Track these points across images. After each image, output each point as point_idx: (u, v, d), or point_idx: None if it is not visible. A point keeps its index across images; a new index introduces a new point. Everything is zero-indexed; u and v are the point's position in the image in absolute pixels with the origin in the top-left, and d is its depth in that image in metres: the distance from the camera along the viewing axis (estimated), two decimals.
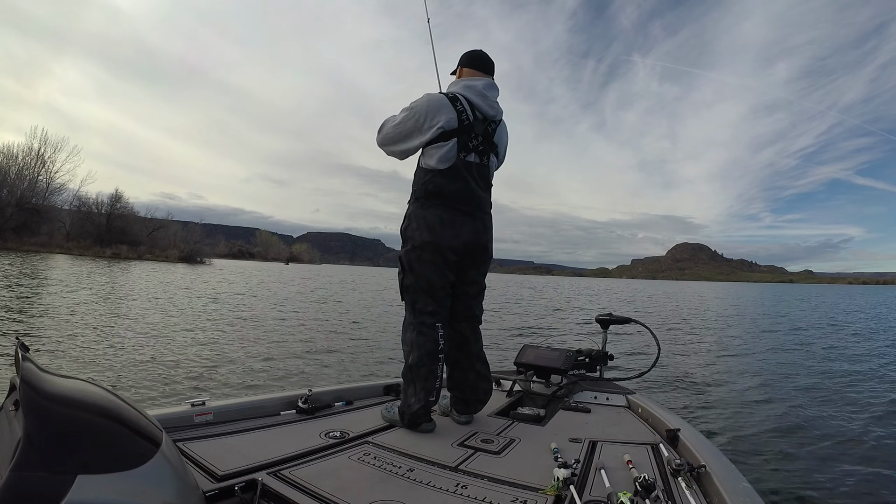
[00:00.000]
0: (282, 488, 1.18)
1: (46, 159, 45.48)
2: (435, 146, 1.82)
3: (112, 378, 4.75)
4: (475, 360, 1.95)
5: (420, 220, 1.84)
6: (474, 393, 1.92)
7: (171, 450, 0.93)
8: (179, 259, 47.91)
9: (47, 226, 43.77)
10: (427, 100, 1.84)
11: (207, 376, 5.09)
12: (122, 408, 0.89)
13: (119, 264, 31.57)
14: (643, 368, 2.45)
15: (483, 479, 1.32)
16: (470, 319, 1.99)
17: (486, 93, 1.90)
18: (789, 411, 4.85)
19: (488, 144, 1.91)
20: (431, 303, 1.84)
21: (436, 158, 1.82)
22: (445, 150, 1.81)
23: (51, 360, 5.23)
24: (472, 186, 1.86)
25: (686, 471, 1.28)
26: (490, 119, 1.91)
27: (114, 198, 49.37)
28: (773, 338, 11.42)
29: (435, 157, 1.82)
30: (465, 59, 2.00)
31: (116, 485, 0.75)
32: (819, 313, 21.35)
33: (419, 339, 1.81)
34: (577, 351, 2.43)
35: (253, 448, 1.42)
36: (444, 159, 1.81)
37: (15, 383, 0.85)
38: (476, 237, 1.89)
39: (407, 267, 1.87)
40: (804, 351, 9.37)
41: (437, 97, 1.85)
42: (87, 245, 43.57)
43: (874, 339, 11.88)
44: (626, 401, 2.14)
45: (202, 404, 1.61)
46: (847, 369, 7.39)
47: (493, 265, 2.11)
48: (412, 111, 1.84)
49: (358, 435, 1.63)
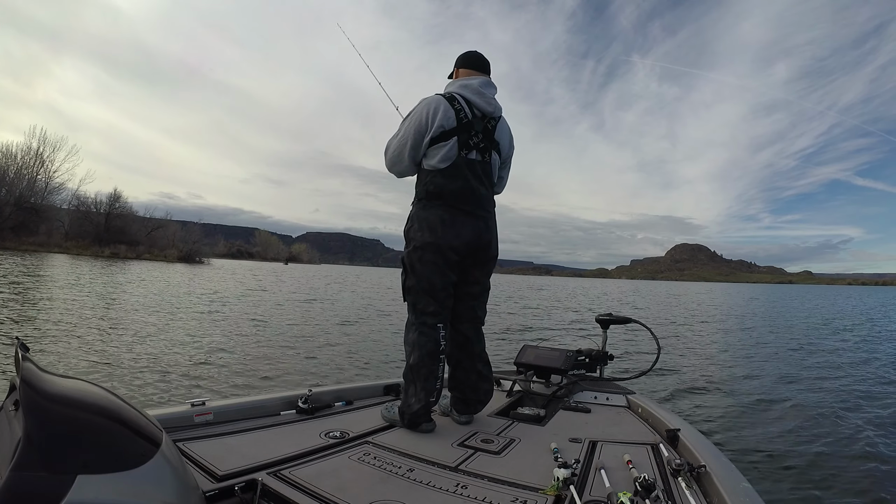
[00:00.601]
0: (282, 488, 1.18)
1: (45, 159, 45.48)
2: (436, 146, 1.83)
3: (107, 376, 4.75)
4: (477, 360, 1.95)
5: (422, 220, 1.85)
6: (475, 393, 1.92)
7: (171, 450, 0.92)
8: (178, 259, 47.81)
9: (46, 225, 43.67)
10: (424, 103, 1.86)
11: (207, 376, 5.08)
12: (122, 408, 0.89)
13: (117, 264, 31.46)
14: (643, 368, 2.45)
15: (483, 479, 1.32)
16: (472, 321, 1.98)
17: (483, 90, 1.91)
18: (789, 411, 4.86)
19: (489, 142, 1.92)
20: (433, 303, 1.84)
21: (437, 158, 1.83)
22: (447, 150, 1.82)
23: (42, 360, 5.21)
24: (474, 185, 1.87)
25: (686, 471, 1.28)
26: (489, 116, 1.91)
27: (112, 197, 49.25)
28: (772, 338, 11.44)
29: (436, 157, 1.83)
30: (460, 61, 2.02)
31: (116, 485, 0.75)
32: (818, 314, 21.40)
33: (420, 339, 1.82)
34: (577, 351, 2.43)
35: (253, 448, 1.42)
36: (445, 158, 1.82)
37: (15, 383, 0.85)
38: (478, 236, 1.89)
39: (409, 268, 1.88)
40: (804, 351, 9.38)
41: (433, 98, 1.87)
42: (85, 244, 43.45)
43: (875, 339, 11.89)
44: (626, 401, 2.14)
45: (202, 404, 1.61)
46: (847, 369, 7.41)
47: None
48: (411, 118, 1.86)
49: (358, 435, 1.63)
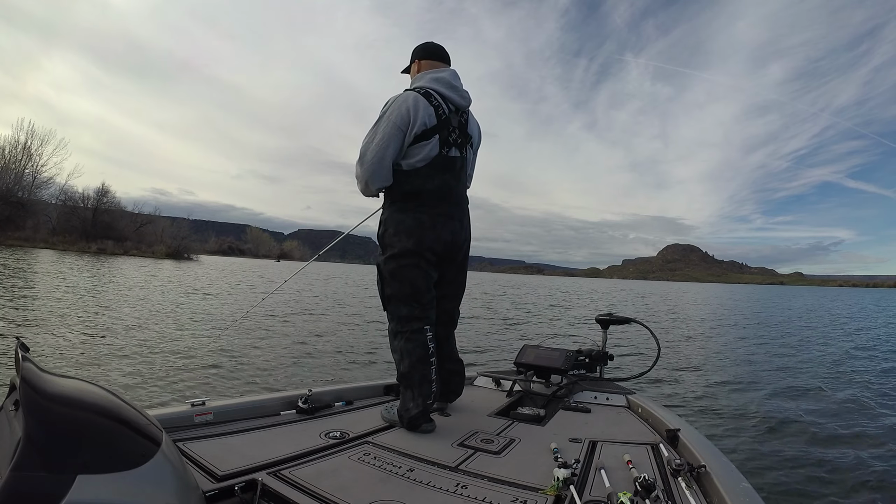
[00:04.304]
0: (282, 488, 1.17)
1: (33, 152, 44.78)
2: (417, 145, 1.74)
3: (102, 373, 4.68)
4: (446, 360, 1.94)
5: (398, 224, 1.77)
6: (447, 385, 1.94)
7: (171, 450, 0.92)
8: (167, 255, 47.30)
9: (32, 220, 42.94)
10: (399, 101, 1.75)
11: (206, 376, 5.05)
12: (122, 408, 0.88)
13: (103, 260, 31.02)
14: (643, 368, 2.46)
15: (483, 479, 1.31)
16: (446, 324, 1.97)
17: (455, 83, 1.85)
18: (790, 412, 4.92)
19: (464, 136, 1.87)
20: (418, 307, 1.79)
21: (417, 157, 1.75)
22: (428, 149, 1.75)
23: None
24: (452, 183, 1.82)
25: (686, 471, 1.28)
26: (462, 109, 1.87)
27: (100, 192, 48.51)
28: (772, 339, 11.58)
29: (417, 157, 1.75)
30: (420, 52, 1.93)
31: (116, 485, 0.74)
32: (817, 314, 21.69)
33: (408, 345, 1.77)
34: (577, 351, 2.44)
35: (253, 448, 1.41)
36: (426, 157, 1.76)
37: (15, 383, 0.84)
38: (453, 237, 1.84)
39: (387, 275, 1.80)
40: (804, 351, 9.50)
41: (409, 94, 1.76)
42: (72, 240, 42.78)
43: (875, 339, 12.06)
44: (626, 401, 2.14)
45: (202, 404, 1.60)
46: (847, 370, 7.51)
47: (483, 264, 2.09)
48: (388, 118, 1.73)
49: (358, 435, 1.62)
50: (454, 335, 2.04)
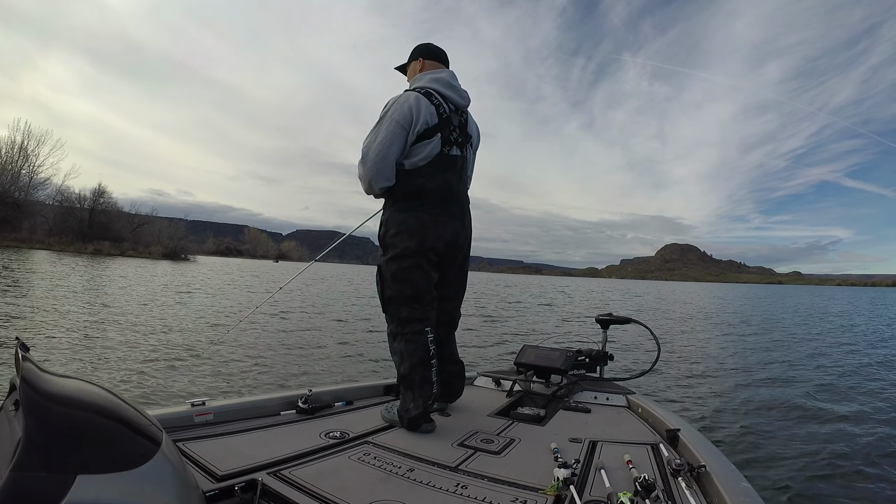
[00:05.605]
0: (282, 488, 1.17)
1: (30, 153, 44.67)
2: (420, 144, 1.75)
3: (102, 374, 4.67)
4: (446, 362, 1.93)
5: (399, 224, 1.76)
6: (447, 387, 1.93)
7: (171, 450, 0.91)
8: (163, 256, 47.16)
9: (29, 221, 42.79)
10: (402, 100, 1.76)
11: (206, 375, 5.03)
12: (122, 408, 0.88)
13: (99, 261, 30.88)
14: (643, 368, 2.47)
15: (483, 479, 1.31)
16: (447, 325, 1.96)
17: (454, 83, 1.87)
18: (790, 412, 4.93)
19: (465, 135, 1.88)
20: (419, 309, 1.77)
21: (420, 156, 1.75)
22: (430, 147, 1.76)
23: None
24: (453, 182, 1.82)
25: (686, 471, 1.28)
26: (461, 109, 1.88)
27: (97, 192, 48.37)
28: (772, 339, 11.60)
29: (419, 155, 1.75)
30: (424, 52, 1.93)
31: (116, 485, 0.74)
32: (816, 314, 21.74)
33: (408, 347, 1.75)
34: (577, 351, 2.44)
35: (253, 448, 1.40)
36: (427, 156, 1.76)
37: (15, 383, 0.84)
38: (455, 236, 1.84)
39: (389, 277, 1.78)
40: (803, 352, 9.51)
41: (410, 94, 1.77)
42: (68, 241, 42.63)
43: (875, 340, 12.07)
44: (626, 401, 2.15)
45: (202, 404, 1.59)
46: (847, 371, 7.52)
47: (482, 264, 2.10)
48: (390, 118, 1.72)
49: (358, 435, 1.62)
50: (455, 337, 2.03)
